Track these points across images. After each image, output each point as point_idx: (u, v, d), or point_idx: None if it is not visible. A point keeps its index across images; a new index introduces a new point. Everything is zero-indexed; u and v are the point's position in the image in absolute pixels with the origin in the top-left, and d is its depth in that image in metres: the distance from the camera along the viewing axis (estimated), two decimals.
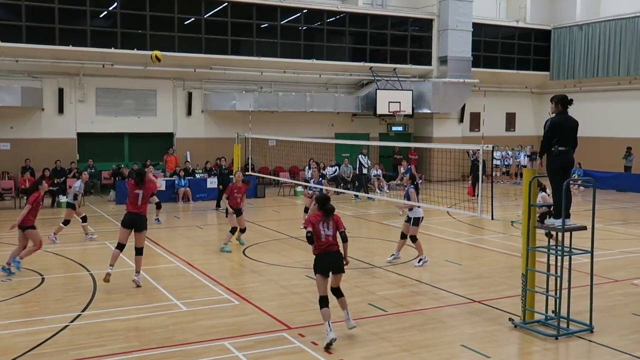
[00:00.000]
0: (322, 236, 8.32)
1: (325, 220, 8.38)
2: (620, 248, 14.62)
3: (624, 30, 28.79)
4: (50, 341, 8.26)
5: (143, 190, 10.96)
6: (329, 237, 8.33)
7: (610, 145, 28.85)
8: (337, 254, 8.40)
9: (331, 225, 8.39)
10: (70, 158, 23.57)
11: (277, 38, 26.27)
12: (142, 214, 10.95)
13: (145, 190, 10.98)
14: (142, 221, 10.96)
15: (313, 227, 8.32)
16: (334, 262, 8.34)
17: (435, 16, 29.07)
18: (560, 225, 8.56)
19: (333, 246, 8.36)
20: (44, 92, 23.59)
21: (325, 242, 8.31)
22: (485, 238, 16.06)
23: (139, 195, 10.91)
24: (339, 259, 8.40)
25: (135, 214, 10.91)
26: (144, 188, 10.99)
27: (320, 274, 8.32)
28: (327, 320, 8.15)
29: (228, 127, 25.40)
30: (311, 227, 8.32)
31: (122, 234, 11.02)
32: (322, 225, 8.36)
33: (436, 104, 28.52)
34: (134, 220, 10.90)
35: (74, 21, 23.04)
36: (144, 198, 10.94)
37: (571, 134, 8.73)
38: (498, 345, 8.28)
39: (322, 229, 8.34)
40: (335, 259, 8.35)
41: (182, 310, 9.65)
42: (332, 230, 8.38)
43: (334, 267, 8.36)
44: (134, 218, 10.90)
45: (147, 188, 11.04)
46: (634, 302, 10.20)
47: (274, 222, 18.05)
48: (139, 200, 10.91)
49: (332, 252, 8.34)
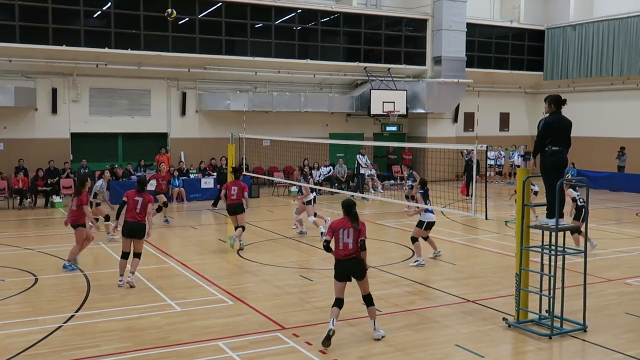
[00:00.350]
0: (341, 244, 8.27)
1: (349, 226, 8.26)
2: (613, 248, 14.67)
3: (617, 31, 28.90)
4: (43, 342, 8.23)
5: (142, 198, 11.08)
6: (348, 245, 8.24)
7: (603, 145, 28.94)
8: (355, 260, 8.28)
9: (352, 232, 8.23)
10: (63, 158, 23.50)
11: (271, 38, 26.25)
12: (141, 222, 11.03)
13: (144, 198, 11.10)
14: (141, 229, 11.07)
15: (334, 233, 8.28)
16: (351, 269, 8.31)
17: (430, 16, 29.11)
18: (554, 225, 8.58)
19: (351, 253, 8.24)
20: (38, 92, 23.52)
21: (343, 249, 8.27)
22: (480, 238, 16.10)
23: (137, 203, 11.02)
24: (357, 266, 8.30)
25: (134, 222, 11.00)
26: (144, 196, 11.12)
27: (336, 279, 8.41)
28: (333, 317, 8.22)
29: (222, 127, 25.36)
30: (331, 235, 8.30)
31: (124, 243, 11.14)
32: (343, 232, 8.25)
33: (430, 104, 28.57)
34: (133, 229, 11.02)
35: (68, 21, 22.98)
36: (142, 206, 11.03)
37: (565, 134, 8.76)
38: (492, 344, 8.30)
39: (342, 236, 8.26)
40: (352, 265, 8.29)
41: (176, 311, 9.64)
42: (352, 238, 8.23)
43: (353, 274, 8.36)
44: (133, 227, 11.02)
45: (146, 197, 11.17)
46: (627, 302, 10.25)
47: (269, 222, 18.05)
48: (138, 207, 11.00)
49: (349, 260, 8.26)
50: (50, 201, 21.29)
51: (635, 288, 11.10)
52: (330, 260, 13.03)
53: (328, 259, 13.00)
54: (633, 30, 28.25)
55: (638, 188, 25.59)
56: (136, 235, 11.06)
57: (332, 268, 11.55)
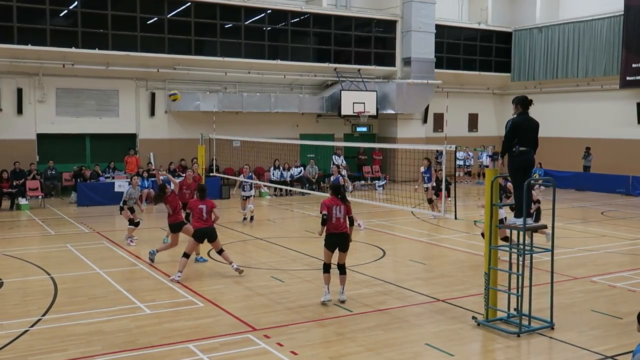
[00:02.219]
0: (334, 219, 9.70)
1: (340, 204, 9.78)
2: (579, 246, 14.93)
3: (582, 33, 29.43)
4: (9, 347, 8.08)
5: (206, 205, 11.63)
6: (340, 220, 9.74)
7: (569, 146, 29.44)
8: (345, 234, 9.83)
9: (342, 209, 9.78)
10: (29, 159, 23.06)
11: (241, 38, 26.15)
12: (211, 226, 11.73)
13: (207, 204, 11.67)
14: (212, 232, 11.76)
15: (328, 210, 9.68)
16: (342, 241, 9.83)
17: (399, 17, 29.31)
18: (521, 225, 8.70)
19: (342, 227, 9.78)
20: (2, 92, 23.07)
21: (336, 223, 9.73)
22: (449, 237, 16.23)
23: (202, 210, 11.58)
24: (346, 239, 9.86)
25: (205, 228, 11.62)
26: (206, 203, 11.69)
27: (327, 248, 9.87)
28: (327, 284, 9.85)
29: (192, 128, 25.19)
30: (326, 210, 9.68)
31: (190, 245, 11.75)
32: (335, 209, 9.74)
33: (400, 105, 28.75)
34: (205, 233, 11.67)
35: (33, 20, 22.57)
36: (208, 212, 11.63)
37: (532, 134, 8.88)
38: (461, 343, 8.38)
39: (335, 212, 9.71)
40: (343, 238, 9.82)
41: (146, 313, 9.54)
42: (342, 214, 9.77)
43: (341, 245, 9.85)
44: (205, 232, 11.64)
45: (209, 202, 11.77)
46: (593, 299, 10.44)
47: (239, 224, 17.97)
48: (204, 214, 11.59)
49: (341, 233, 9.77)
50: (16, 203, 20.89)
51: (601, 286, 11.31)
52: (300, 261, 13.05)
53: (299, 260, 13.02)
54: (598, 33, 28.80)
55: (603, 187, 26.11)
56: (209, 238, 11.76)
57: (303, 269, 11.59)
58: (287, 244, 15.01)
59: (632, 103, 27.93)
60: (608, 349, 8.10)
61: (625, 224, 18.53)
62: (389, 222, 18.45)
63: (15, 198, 20.98)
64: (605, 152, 28.19)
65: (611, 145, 28.53)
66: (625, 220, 19.27)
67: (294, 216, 16.84)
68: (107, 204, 21.31)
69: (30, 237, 16.17)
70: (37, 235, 16.56)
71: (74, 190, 22.60)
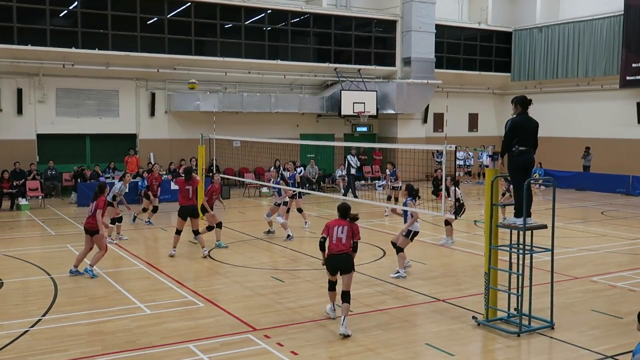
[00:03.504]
0: (334, 239, 8.77)
1: (344, 224, 8.84)
2: (579, 246, 14.93)
3: (582, 33, 29.44)
4: (9, 347, 8.08)
5: (192, 185, 13.47)
6: (341, 240, 8.76)
7: (569, 145, 29.44)
8: (346, 256, 8.80)
9: (346, 230, 8.79)
10: (29, 160, 23.07)
11: (241, 38, 26.16)
12: (194, 205, 13.54)
13: (192, 185, 13.52)
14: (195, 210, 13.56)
15: (329, 230, 8.82)
16: (342, 263, 8.81)
17: (399, 17, 29.31)
18: (521, 224, 8.70)
19: (343, 249, 8.77)
20: (2, 92, 23.08)
21: (335, 244, 8.78)
22: None
23: (189, 190, 13.38)
24: (346, 261, 8.80)
25: (187, 206, 13.42)
26: (192, 183, 13.51)
27: (328, 272, 9.07)
28: (332, 301, 9.28)
29: (192, 128, 25.21)
30: (326, 233, 8.83)
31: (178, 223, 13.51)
32: (337, 229, 8.81)
33: (400, 105, 28.74)
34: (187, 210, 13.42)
35: (33, 20, 22.57)
36: (193, 192, 13.45)
37: (531, 134, 8.88)
38: (462, 343, 8.38)
39: (336, 232, 8.78)
40: (342, 260, 8.80)
41: (146, 313, 9.54)
42: (345, 235, 8.76)
43: (341, 268, 8.85)
44: (187, 209, 13.42)
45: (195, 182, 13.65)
46: (593, 299, 10.44)
47: (239, 224, 17.97)
48: (190, 194, 13.39)
49: (340, 254, 8.77)
50: (16, 204, 20.90)
51: (601, 285, 11.31)
52: (300, 261, 13.06)
53: (299, 260, 13.03)
54: (598, 32, 28.80)
55: (603, 187, 26.11)
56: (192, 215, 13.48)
57: (303, 269, 11.60)
58: (288, 244, 15.02)
59: (632, 103, 27.93)
60: (608, 348, 8.10)
61: (626, 223, 18.53)
62: (389, 222, 18.45)
63: (16, 198, 20.98)
64: (605, 151, 28.20)
65: (611, 145, 28.53)
66: (626, 220, 19.27)
67: (295, 216, 16.87)
68: (108, 204, 21.26)
69: (31, 238, 16.17)
70: (37, 235, 16.56)
71: (74, 191, 22.61)
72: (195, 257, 13.59)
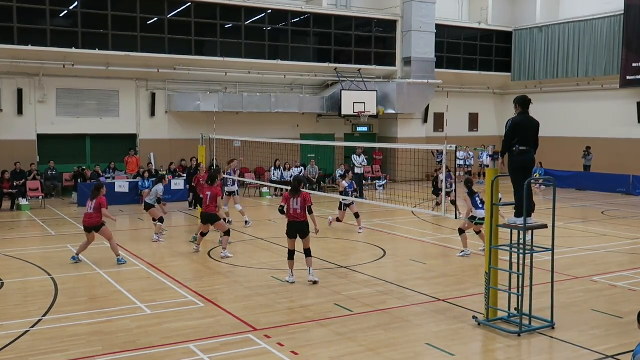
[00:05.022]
0: (291, 209, 10.96)
1: (293, 196, 10.96)
2: (580, 246, 14.92)
3: (583, 32, 29.43)
4: (9, 347, 8.08)
5: (212, 190, 13.27)
6: (296, 210, 10.91)
7: (569, 145, 29.44)
8: (302, 223, 10.97)
9: (299, 201, 10.92)
10: (30, 160, 23.08)
11: (241, 38, 26.15)
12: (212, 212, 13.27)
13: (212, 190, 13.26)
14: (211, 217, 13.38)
15: (287, 202, 11.00)
16: (299, 229, 10.99)
17: (399, 17, 29.30)
18: (522, 224, 8.70)
19: (299, 217, 10.93)
20: (3, 92, 23.07)
21: (292, 214, 10.95)
22: (450, 237, 16.22)
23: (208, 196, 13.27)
24: (303, 227, 10.97)
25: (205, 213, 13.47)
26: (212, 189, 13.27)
27: (287, 236, 11.14)
28: (290, 269, 11.21)
29: (192, 128, 25.20)
30: (284, 202, 11.04)
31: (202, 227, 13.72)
32: (292, 201, 10.97)
33: (400, 105, 28.74)
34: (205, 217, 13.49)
35: (33, 20, 22.57)
36: (211, 198, 13.20)
37: (532, 133, 8.87)
38: (462, 343, 8.38)
39: (292, 204, 10.96)
40: (299, 226, 10.98)
41: (146, 314, 9.54)
42: (299, 205, 10.92)
43: (299, 233, 11.02)
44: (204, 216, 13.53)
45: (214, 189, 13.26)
46: (593, 299, 10.44)
47: (240, 224, 17.96)
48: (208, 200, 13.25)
49: (297, 222, 10.96)
50: (16, 204, 20.90)
51: (602, 285, 11.31)
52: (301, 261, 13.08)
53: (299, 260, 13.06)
54: (598, 32, 28.80)
55: (603, 187, 26.10)
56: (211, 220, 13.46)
57: (303, 269, 11.60)
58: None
59: (633, 102, 27.92)
60: (609, 348, 8.10)
61: (626, 223, 18.52)
62: (389, 222, 18.45)
63: (16, 198, 20.98)
64: (605, 151, 28.19)
65: (611, 145, 28.53)
66: (626, 219, 19.26)
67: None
68: (108, 204, 21.25)
69: (31, 238, 16.17)
70: (37, 235, 16.56)
71: (74, 191, 22.61)
72: (195, 257, 13.59)
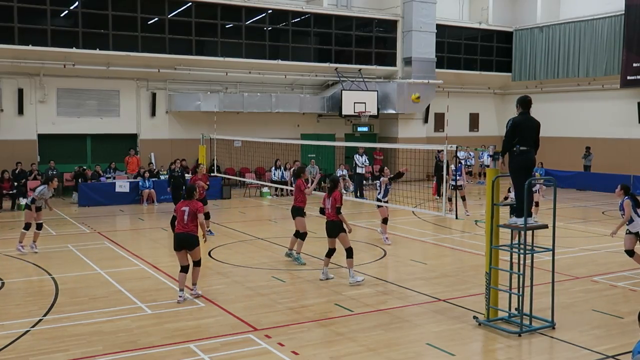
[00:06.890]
0: (327, 209, 11.48)
1: (329, 197, 11.41)
2: (580, 246, 14.92)
3: (583, 33, 29.42)
4: (10, 347, 8.08)
5: (189, 207, 10.09)
6: (328, 210, 11.42)
7: (570, 145, 29.43)
8: (331, 223, 11.36)
9: (329, 202, 11.34)
10: (30, 160, 23.09)
11: (242, 38, 26.16)
12: (190, 232, 10.02)
13: (191, 207, 10.09)
14: (190, 240, 10.06)
15: (323, 203, 11.58)
16: (329, 227, 11.40)
17: (400, 17, 29.30)
18: (522, 224, 8.69)
19: (330, 216, 11.39)
20: (3, 92, 23.07)
21: (326, 214, 11.48)
22: (450, 237, 16.22)
23: (185, 213, 10.05)
24: (333, 226, 11.32)
25: (182, 234, 10.04)
26: (190, 205, 10.12)
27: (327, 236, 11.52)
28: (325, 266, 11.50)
29: (193, 128, 25.22)
30: (323, 204, 11.61)
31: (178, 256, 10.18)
32: (325, 201, 11.50)
33: (401, 105, 28.74)
34: (182, 240, 10.07)
35: (34, 20, 22.58)
36: (190, 216, 10.02)
37: (532, 133, 8.87)
38: (462, 343, 8.38)
39: (327, 204, 11.45)
40: (330, 225, 11.39)
41: (147, 313, 9.54)
42: (330, 204, 11.32)
43: (328, 232, 11.42)
44: (181, 238, 10.06)
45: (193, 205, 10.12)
46: (593, 299, 10.43)
47: (240, 224, 17.97)
48: (185, 217, 10.03)
49: (329, 221, 11.40)
50: (17, 204, 20.90)
51: (602, 285, 11.30)
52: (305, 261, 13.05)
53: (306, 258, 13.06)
54: (598, 32, 28.79)
55: (604, 187, 26.04)
56: (186, 247, 10.08)
57: (304, 269, 11.61)
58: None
59: (633, 102, 27.91)
60: (609, 348, 8.09)
61: None
62: (390, 222, 18.39)
63: (17, 198, 20.98)
64: (606, 151, 28.18)
65: (612, 145, 28.52)
66: None
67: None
68: (108, 204, 21.38)
69: (31, 238, 16.14)
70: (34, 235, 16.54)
71: (75, 191, 22.61)
72: None
